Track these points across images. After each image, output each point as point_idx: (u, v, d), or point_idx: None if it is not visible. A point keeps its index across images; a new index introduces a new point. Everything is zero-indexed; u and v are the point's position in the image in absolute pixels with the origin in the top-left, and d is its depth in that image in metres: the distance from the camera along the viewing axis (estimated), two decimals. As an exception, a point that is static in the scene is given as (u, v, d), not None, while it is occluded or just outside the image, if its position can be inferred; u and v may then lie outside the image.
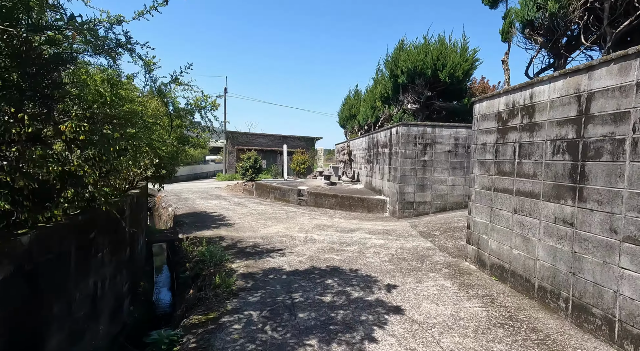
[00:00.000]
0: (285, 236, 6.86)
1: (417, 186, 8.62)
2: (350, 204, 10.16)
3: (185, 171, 29.16)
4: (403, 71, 9.56)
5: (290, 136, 27.50)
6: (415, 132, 8.55)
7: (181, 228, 7.84)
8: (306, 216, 9.30)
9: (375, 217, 9.18)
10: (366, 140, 12.58)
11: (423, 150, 8.59)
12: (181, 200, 12.83)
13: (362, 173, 13.20)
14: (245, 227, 7.82)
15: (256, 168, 18.86)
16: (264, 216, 9.36)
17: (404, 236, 6.79)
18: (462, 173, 8.61)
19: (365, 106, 14.51)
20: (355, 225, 8.06)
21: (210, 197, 13.81)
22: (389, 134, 9.55)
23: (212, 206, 11.10)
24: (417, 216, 8.66)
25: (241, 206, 11.34)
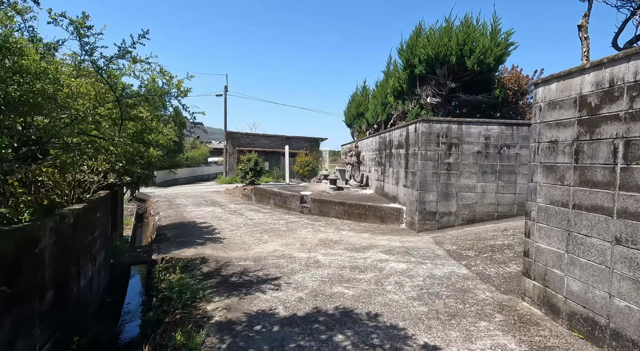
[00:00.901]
0: (283, 257, 5.58)
1: (440, 193, 7.29)
2: (360, 213, 8.85)
3: (185, 173, 28.09)
4: (421, 59, 8.26)
5: (293, 137, 26.26)
6: (438, 129, 7.23)
7: (160, 244, 6.59)
8: (309, 228, 8.02)
9: (390, 230, 7.86)
10: (377, 140, 11.27)
11: (447, 151, 7.26)
12: (172, 207, 11.62)
13: (372, 177, 11.89)
14: (236, 243, 6.55)
15: (257, 171, 17.63)
16: (261, 227, 8.08)
17: (429, 258, 5.47)
18: (493, 178, 7.26)
19: (375, 103, 13.20)
20: (368, 241, 6.75)
21: (205, 203, 12.58)
22: (406, 133, 8.23)
23: (204, 215, 9.85)
24: (441, 228, 7.32)
25: (236, 214, 10.08)
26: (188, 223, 8.71)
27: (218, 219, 9.22)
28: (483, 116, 8.38)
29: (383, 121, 12.70)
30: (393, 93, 10.66)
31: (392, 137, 9.48)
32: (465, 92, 8.16)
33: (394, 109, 11.20)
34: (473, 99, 8.12)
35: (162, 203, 12.62)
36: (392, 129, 9.51)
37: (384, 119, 12.48)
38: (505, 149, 7.23)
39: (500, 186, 7.27)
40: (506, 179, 7.27)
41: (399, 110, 10.77)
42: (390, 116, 12.11)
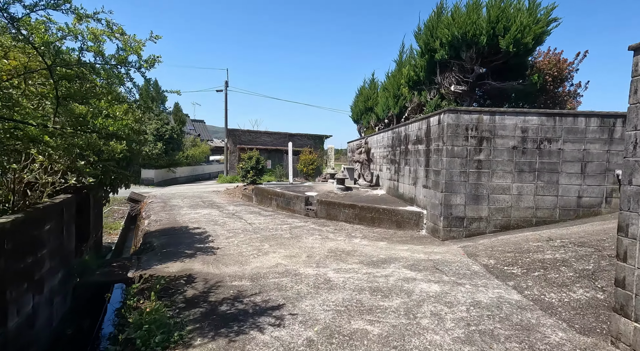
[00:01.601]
0: (287, 274, 4.59)
1: (468, 195, 6.27)
2: (374, 217, 7.84)
3: (185, 172, 27.23)
4: (443, 42, 7.22)
5: (296, 134, 25.25)
6: (467, 121, 6.20)
7: (142, 256, 5.63)
8: (316, 235, 7.03)
9: (409, 237, 6.85)
10: (389, 135, 10.24)
11: (477, 146, 6.23)
12: (165, 209, 10.68)
13: (384, 176, 10.87)
14: (232, 255, 5.57)
15: (258, 169, 16.66)
16: (261, 234, 7.10)
17: (466, 276, 4.45)
18: (531, 178, 6.23)
19: (386, 96, 12.16)
20: (386, 251, 5.75)
21: (201, 204, 11.62)
22: (426, 126, 7.21)
23: (198, 219, 8.89)
24: (470, 236, 6.30)
25: (235, 217, 9.11)
26: (180, 228, 7.74)
27: (214, 223, 8.25)
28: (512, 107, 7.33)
29: (395, 115, 11.66)
30: (407, 83, 9.63)
31: (408, 132, 8.45)
32: (495, 79, 7.12)
33: (408, 101, 10.17)
34: (505, 87, 7.07)
35: (156, 204, 11.68)
36: (408, 123, 8.48)
37: (396, 113, 11.45)
38: (546, 144, 6.19)
39: (539, 186, 6.23)
40: (546, 179, 6.23)
41: (414, 102, 9.74)
42: (403, 109, 11.09)
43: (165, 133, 20.32)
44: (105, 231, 8.74)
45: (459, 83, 7.26)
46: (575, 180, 6.19)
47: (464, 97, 7.44)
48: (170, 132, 20.62)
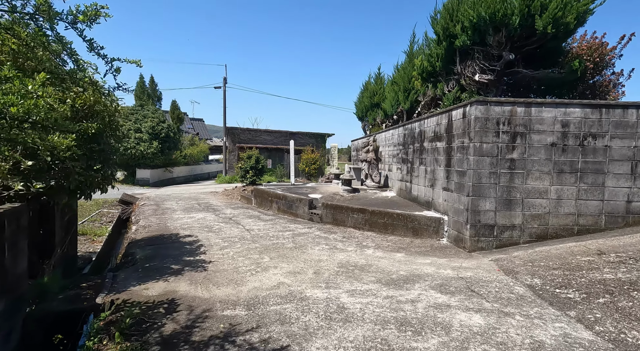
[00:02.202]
0: (291, 299, 3.76)
1: (499, 199, 5.43)
2: (386, 223, 7.00)
3: (183, 172, 26.43)
4: (466, 26, 6.38)
5: (297, 133, 24.41)
6: (498, 114, 5.36)
7: (119, 273, 4.79)
8: (323, 244, 6.19)
9: (429, 247, 6.01)
10: (399, 132, 9.40)
11: (510, 143, 5.39)
12: (157, 212, 9.85)
13: (394, 177, 10.03)
14: (225, 271, 4.74)
15: (258, 169, 15.83)
16: (260, 243, 6.27)
17: (512, 302, 3.62)
18: (572, 179, 5.38)
19: (395, 90, 11.31)
20: (406, 265, 4.91)
21: (197, 207, 10.79)
22: (447, 120, 6.37)
23: (192, 224, 8.05)
24: (501, 247, 5.46)
25: (232, 223, 8.27)
26: (169, 236, 6.91)
27: (208, 230, 7.42)
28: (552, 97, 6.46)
29: (405, 111, 10.81)
30: (421, 75, 8.77)
31: (424, 128, 7.61)
32: (526, 67, 6.27)
33: (421, 94, 9.32)
34: (538, 76, 6.21)
35: (148, 208, 10.86)
36: (423, 118, 7.63)
37: (406, 109, 10.60)
38: (590, 141, 5.34)
39: (582, 190, 5.39)
40: (590, 181, 5.38)
41: (428, 95, 8.89)
42: (415, 103, 10.24)
43: (161, 131, 19.49)
44: (88, 239, 7.93)
45: (484, 72, 6.42)
46: (625, 182, 5.35)
47: (490, 88, 6.59)
48: (166, 131, 19.78)
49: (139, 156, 18.65)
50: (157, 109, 20.86)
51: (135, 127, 18.93)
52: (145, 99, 22.53)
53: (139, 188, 18.21)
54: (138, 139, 18.65)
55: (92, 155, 4.31)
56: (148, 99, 22.88)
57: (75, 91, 3.77)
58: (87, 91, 3.85)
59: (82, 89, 3.80)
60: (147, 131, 19.03)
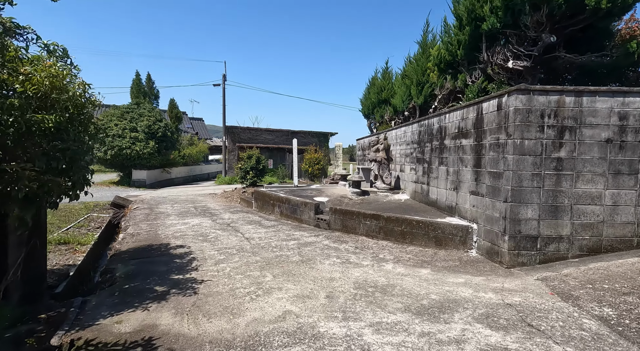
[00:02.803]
0: (300, 337, 2.95)
1: (544, 206, 4.60)
2: (404, 231, 6.18)
3: (182, 172, 25.66)
4: (496, 6, 5.56)
5: (300, 132, 23.61)
6: (543, 105, 4.53)
7: (90, 298, 3.98)
8: (334, 257, 5.37)
9: (457, 260, 5.18)
10: (413, 130, 8.58)
11: (557, 139, 4.56)
12: (149, 217, 9.04)
13: (406, 178, 9.20)
14: (220, 294, 3.92)
15: (259, 170, 15.03)
16: (261, 256, 5.45)
17: (590, 346, 2.79)
18: (631, 182, 4.55)
19: (407, 84, 10.48)
20: (436, 286, 4.09)
21: (192, 212, 9.98)
22: (476, 114, 5.54)
23: (185, 232, 7.24)
24: (546, 262, 4.63)
25: (230, 230, 7.46)
26: (159, 247, 6.10)
27: (203, 239, 6.61)
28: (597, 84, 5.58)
29: (418, 106, 9.98)
30: (438, 66, 7.95)
31: (444, 124, 6.78)
32: (570, 51, 5.43)
33: (438, 87, 8.49)
34: (584, 61, 5.35)
35: (140, 212, 10.06)
36: (444, 112, 6.80)
37: (419, 104, 9.76)
38: (653, 136, 4.51)
39: (642, 194, 4.56)
40: (652, 184, 4.55)
41: (446, 88, 8.06)
42: (429, 98, 9.41)
43: (158, 131, 18.69)
44: (70, 249, 7.13)
45: (518, 58, 5.59)
46: (694, 185, 4.52)
47: (525, 77, 5.76)
48: (163, 130, 18.99)
49: (135, 156, 17.86)
50: (154, 108, 20.08)
51: (131, 126, 18.13)
52: (141, 97, 21.75)
53: (134, 190, 17.42)
54: (134, 138, 17.86)
55: (55, 155, 3.50)
56: (144, 98, 22.10)
57: (24, 71, 2.96)
58: (36, 68, 3.02)
59: (30, 68, 2.98)
60: (143, 130, 18.24)
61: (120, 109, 18.95)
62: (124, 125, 17.97)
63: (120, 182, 19.29)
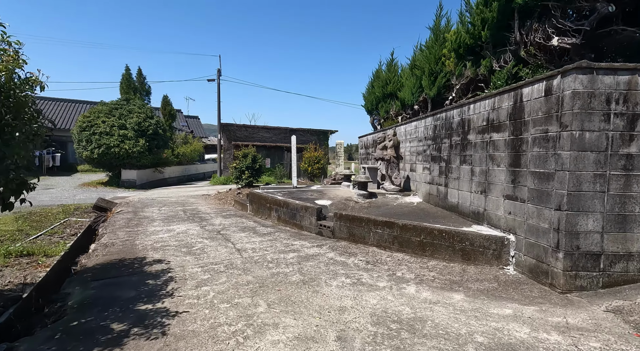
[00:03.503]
0: None
1: (609, 216, 3.66)
2: (423, 243, 5.23)
3: (176, 172, 24.66)
4: (536, -27, 4.61)
5: (298, 129, 22.64)
6: (609, 87, 3.59)
7: (18, 345, 3.00)
8: (342, 276, 4.42)
9: (494, 280, 4.23)
10: (427, 124, 7.63)
11: (627, 130, 3.62)
12: (131, 223, 8.07)
13: (418, 178, 8.26)
14: (197, 335, 2.96)
15: (255, 170, 14.06)
16: (254, 275, 4.48)
17: None
18: None
19: (417, 75, 9.53)
20: (479, 321, 3.14)
21: (181, 216, 9.00)
22: (513, 102, 4.59)
23: (168, 241, 6.27)
24: (611, 286, 3.69)
25: (219, 239, 6.49)
26: (132, 262, 5.12)
27: (187, 251, 5.64)
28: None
29: (430, 99, 9.03)
30: (456, 51, 7.01)
31: (468, 116, 5.83)
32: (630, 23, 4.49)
33: (455, 76, 7.54)
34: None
35: (122, 216, 9.07)
36: (467, 103, 5.85)
37: (432, 95, 8.81)
38: None
39: None
40: None
41: (465, 77, 7.12)
42: (444, 89, 8.46)
43: (149, 128, 17.67)
44: (32, 262, 6.12)
45: (564, 34, 4.65)
46: None
47: (571, 57, 4.83)
48: (154, 127, 17.97)
49: (124, 155, 16.84)
50: (145, 104, 19.04)
51: (120, 123, 17.11)
52: (131, 93, 20.70)
53: (123, 191, 16.41)
54: (122, 136, 16.84)
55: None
56: (135, 93, 21.05)
57: None
58: None
59: None
60: (133, 127, 17.22)
61: (108, 105, 17.91)
62: (112, 122, 16.95)
63: (109, 182, 18.28)
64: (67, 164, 25.31)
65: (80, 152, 16.80)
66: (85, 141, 16.58)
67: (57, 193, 14.64)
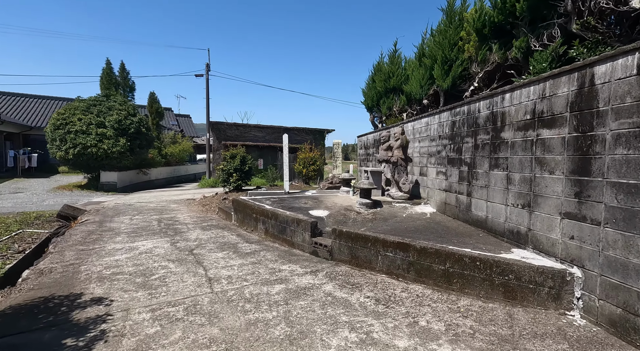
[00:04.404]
0: None
1: None
2: (449, 272, 3.99)
3: (164, 173, 23.28)
4: None
5: (293, 128, 21.38)
6: None
7: None
8: (344, 327, 3.16)
9: (559, 336, 2.99)
10: (444, 120, 6.41)
11: None
12: (89, 238, 6.76)
13: (430, 184, 7.04)
14: None
15: (244, 172, 12.79)
16: (221, 326, 3.21)
17: None
18: None
19: (426, 65, 8.29)
20: None
21: (154, 228, 7.70)
22: (577, 87, 3.37)
23: (123, 266, 4.97)
24: None
25: (190, 262, 5.20)
26: (61, 302, 3.81)
27: (141, 283, 4.34)
28: None
29: (443, 91, 7.81)
30: (479, 32, 5.79)
31: (501, 108, 4.61)
32: None
33: (477, 62, 6.33)
34: None
35: (84, 228, 7.76)
36: (501, 92, 4.63)
37: (445, 87, 7.58)
38: None
39: None
40: None
41: (491, 62, 5.91)
42: (459, 80, 7.24)
43: (130, 126, 16.30)
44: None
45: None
46: None
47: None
48: (137, 126, 16.60)
49: (102, 155, 15.46)
50: (127, 101, 17.64)
51: (98, 121, 15.72)
52: (112, 88, 19.29)
53: (101, 195, 15.04)
54: (101, 135, 15.46)
55: None
56: (117, 89, 19.64)
57: None
58: None
59: None
60: (113, 125, 15.84)
61: (86, 101, 16.51)
62: (89, 120, 15.55)
63: (87, 185, 16.88)
64: (47, 165, 23.83)
65: (54, 152, 15.39)
66: (59, 140, 15.18)
67: (25, 198, 13.23)
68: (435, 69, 7.71)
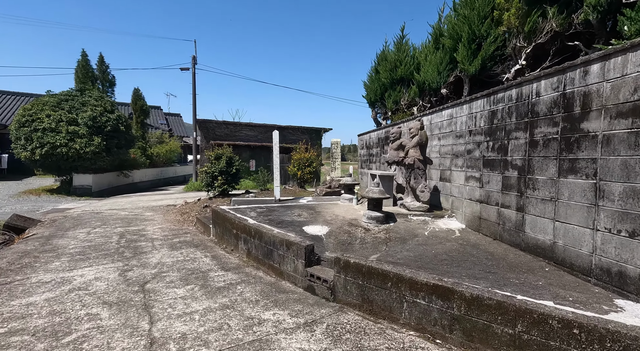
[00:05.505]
0: None
1: None
2: (522, 339, 2.50)
3: (149, 175, 21.65)
4: None
5: (287, 127, 19.88)
6: None
7: None
8: None
9: None
10: (474, 112, 4.96)
11: None
12: (20, 262, 5.22)
13: (456, 192, 5.57)
14: None
15: (230, 174, 11.27)
16: None
17: None
18: None
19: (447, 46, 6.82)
20: None
21: (110, 246, 6.16)
22: None
23: (34, 316, 3.44)
24: None
25: (134, 307, 3.67)
26: None
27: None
28: None
29: (469, 76, 6.34)
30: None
31: (579, 88, 3.16)
32: None
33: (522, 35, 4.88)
34: None
35: (24, 246, 6.20)
36: (583, 63, 3.18)
37: (473, 72, 6.12)
38: None
39: None
40: None
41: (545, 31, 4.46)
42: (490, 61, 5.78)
43: (107, 124, 14.71)
44: None
45: None
46: None
47: None
48: (114, 123, 15.00)
49: (74, 156, 13.86)
50: (104, 96, 16.04)
51: (69, 118, 14.11)
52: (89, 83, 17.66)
53: (71, 200, 13.44)
54: (72, 133, 13.85)
55: None
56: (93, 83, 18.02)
57: None
58: None
59: None
60: (86, 123, 14.25)
61: (56, 96, 14.90)
62: (59, 116, 13.94)
63: (59, 189, 15.25)
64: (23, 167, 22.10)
65: (18, 152, 13.76)
66: (24, 139, 13.56)
67: (-21, 205, 11.60)
68: (459, 50, 6.25)
